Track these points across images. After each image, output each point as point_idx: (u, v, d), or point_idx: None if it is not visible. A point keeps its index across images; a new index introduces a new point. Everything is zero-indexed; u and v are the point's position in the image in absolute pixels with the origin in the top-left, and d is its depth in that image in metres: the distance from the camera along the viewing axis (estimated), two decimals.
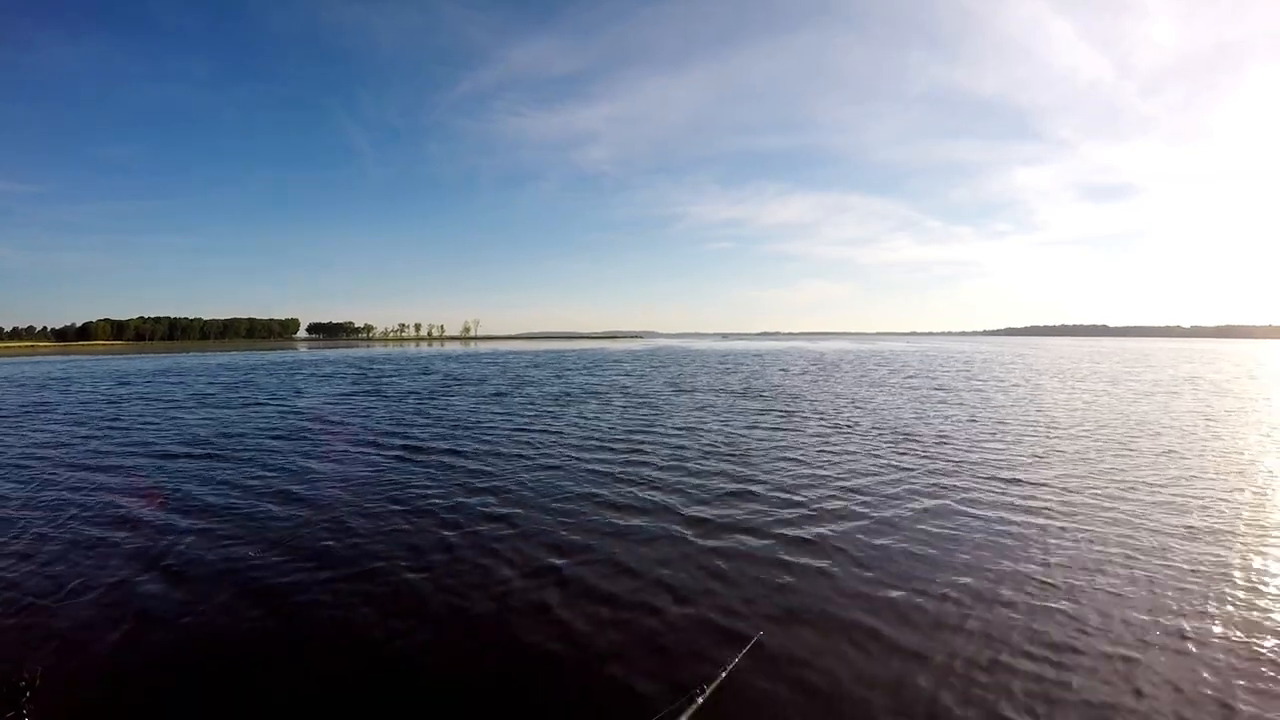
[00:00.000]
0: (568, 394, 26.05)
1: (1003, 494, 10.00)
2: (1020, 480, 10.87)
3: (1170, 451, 13.48)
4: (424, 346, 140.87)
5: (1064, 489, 10.27)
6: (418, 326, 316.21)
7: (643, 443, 14.41)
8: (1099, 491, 10.12)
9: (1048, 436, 15.15)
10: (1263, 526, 8.43)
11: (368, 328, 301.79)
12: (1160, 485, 10.53)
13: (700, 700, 4.02)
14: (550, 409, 20.81)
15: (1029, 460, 12.55)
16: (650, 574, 6.74)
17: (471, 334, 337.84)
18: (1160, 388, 28.53)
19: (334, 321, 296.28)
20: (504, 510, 9.07)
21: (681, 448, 13.83)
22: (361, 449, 13.86)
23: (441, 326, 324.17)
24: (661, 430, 16.17)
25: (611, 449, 13.77)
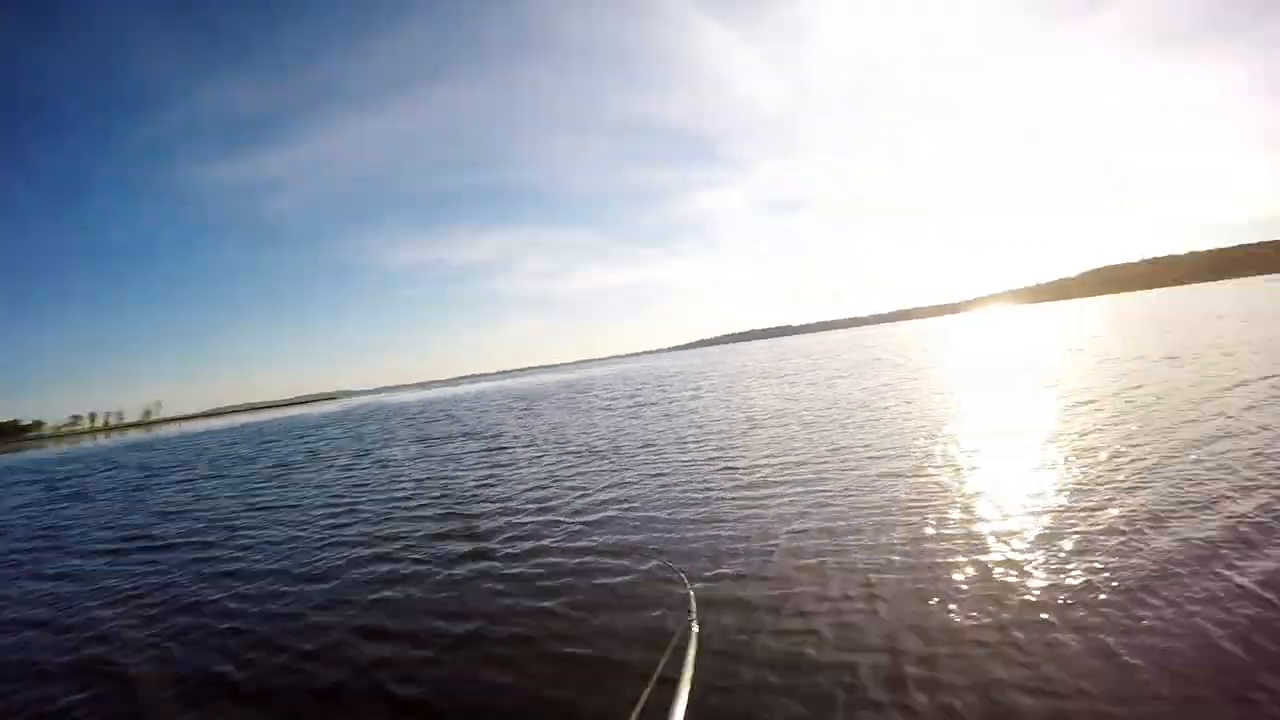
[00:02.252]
0: (283, 465, 24.94)
1: (732, 475, 12.21)
2: (744, 463, 13.19)
3: (853, 422, 16.72)
4: (101, 439, 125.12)
5: (780, 465, 12.50)
6: (93, 417, 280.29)
7: (371, 501, 14.85)
8: (807, 463, 12.40)
9: (752, 424, 18.57)
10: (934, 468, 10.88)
11: (37, 424, 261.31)
12: (863, 449, 13.14)
13: None
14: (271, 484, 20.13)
15: (745, 447, 15.04)
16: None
17: (153, 418, 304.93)
18: (839, 372, 33.96)
19: None
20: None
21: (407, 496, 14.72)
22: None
23: (120, 413, 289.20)
24: (382, 485, 16.65)
25: (353, 511, 13.98)
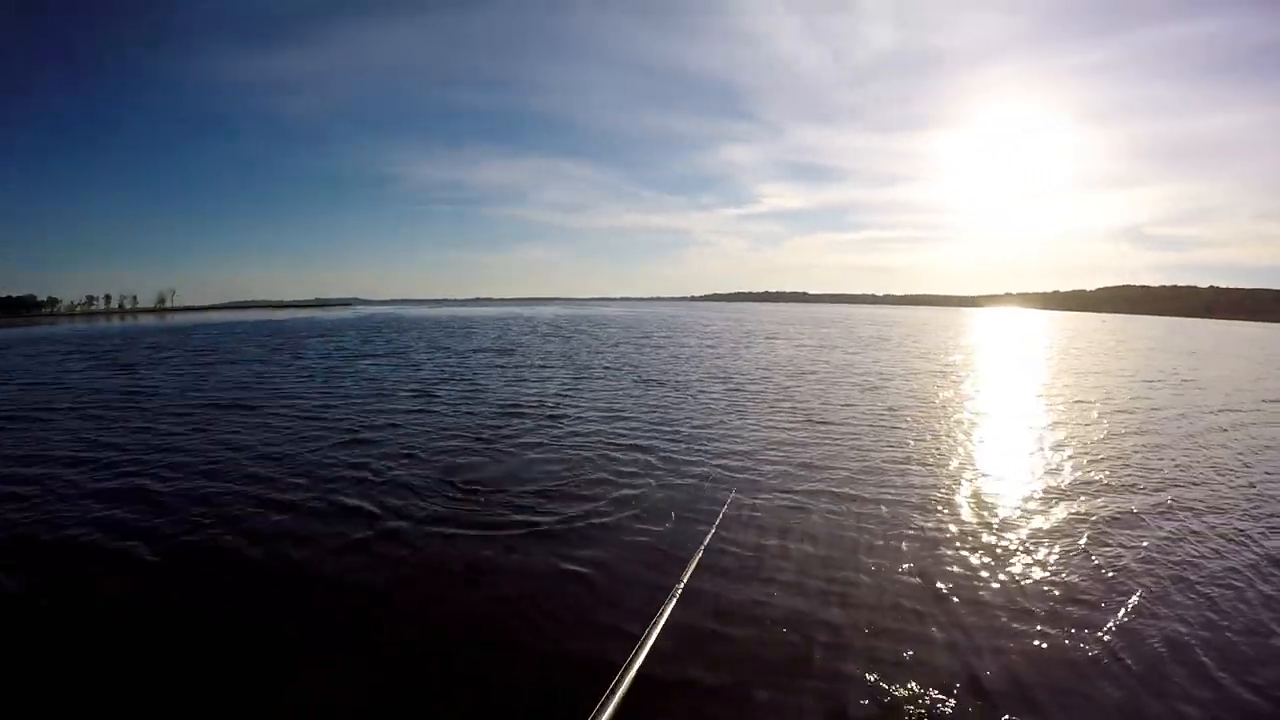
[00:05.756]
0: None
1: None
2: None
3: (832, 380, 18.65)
4: (116, 321, 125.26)
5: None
6: (108, 298, 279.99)
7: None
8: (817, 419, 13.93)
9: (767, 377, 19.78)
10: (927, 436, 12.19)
11: (52, 301, 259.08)
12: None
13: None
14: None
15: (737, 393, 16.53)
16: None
17: (168, 305, 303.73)
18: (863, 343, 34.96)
19: (13, 295, 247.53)
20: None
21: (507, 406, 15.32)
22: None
23: (134, 298, 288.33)
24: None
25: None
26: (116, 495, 8.50)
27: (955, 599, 5.62)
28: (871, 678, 4.47)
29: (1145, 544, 6.89)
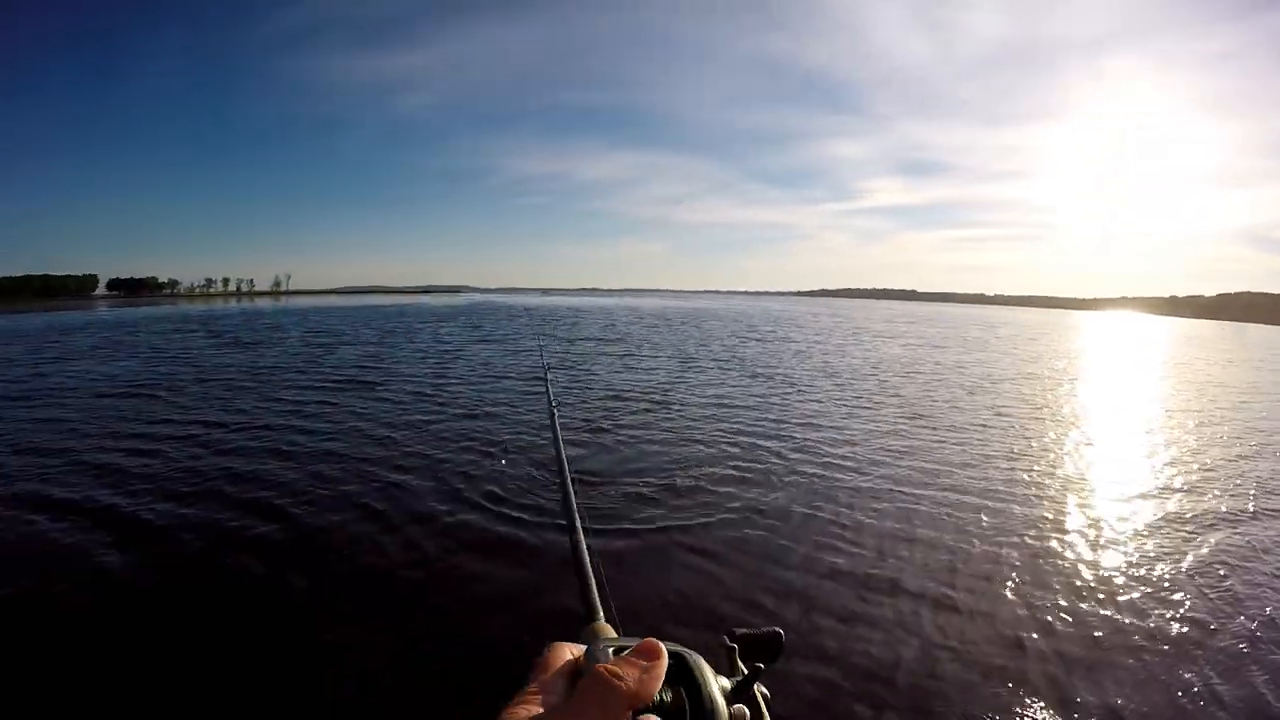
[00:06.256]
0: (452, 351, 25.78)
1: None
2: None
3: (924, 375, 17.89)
4: (233, 303, 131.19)
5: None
6: (225, 281, 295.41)
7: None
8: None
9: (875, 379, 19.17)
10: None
11: (172, 283, 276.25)
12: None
13: None
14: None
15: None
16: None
17: (283, 289, 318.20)
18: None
19: (135, 277, 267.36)
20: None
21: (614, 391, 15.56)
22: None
23: (251, 281, 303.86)
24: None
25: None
26: (249, 453, 9.02)
27: (1031, 579, 5.70)
28: (950, 644, 4.63)
29: (1232, 550, 6.61)
